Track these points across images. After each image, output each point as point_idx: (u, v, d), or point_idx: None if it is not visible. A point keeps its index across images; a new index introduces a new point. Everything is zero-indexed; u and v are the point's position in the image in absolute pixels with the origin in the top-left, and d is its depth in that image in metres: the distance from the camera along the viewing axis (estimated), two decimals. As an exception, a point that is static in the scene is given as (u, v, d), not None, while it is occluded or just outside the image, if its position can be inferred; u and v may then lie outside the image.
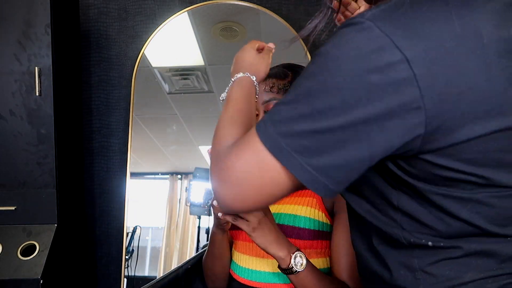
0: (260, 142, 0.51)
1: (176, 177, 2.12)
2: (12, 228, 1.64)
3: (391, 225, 0.55)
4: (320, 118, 0.47)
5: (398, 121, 0.46)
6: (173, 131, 2.13)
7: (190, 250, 2.06)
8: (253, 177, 0.52)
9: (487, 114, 0.47)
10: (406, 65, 0.44)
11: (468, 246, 0.52)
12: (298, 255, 0.86)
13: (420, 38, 0.44)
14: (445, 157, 0.48)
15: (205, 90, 2.15)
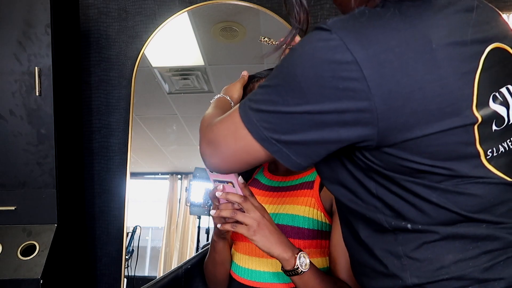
0: (239, 115, 0.62)
1: (176, 177, 2.12)
2: (12, 228, 1.64)
3: (374, 210, 0.61)
4: (283, 103, 0.56)
5: (349, 116, 0.53)
6: (173, 131, 2.13)
7: (190, 250, 2.06)
8: (230, 141, 0.63)
9: (441, 112, 0.52)
10: (357, 66, 0.50)
11: (444, 230, 0.57)
12: (302, 255, 0.85)
13: (371, 43, 0.51)
14: (406, 151, 0.54)
15: (205, 90, 2.15)
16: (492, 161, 0.57)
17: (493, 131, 0.56)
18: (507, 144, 0.58)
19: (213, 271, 1.06)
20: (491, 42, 0.57)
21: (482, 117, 0.54)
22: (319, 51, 0.52)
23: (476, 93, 0.54)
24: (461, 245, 0.58)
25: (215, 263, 1.04)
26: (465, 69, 0.54)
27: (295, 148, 0.58)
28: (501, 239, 0.58)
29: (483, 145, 0.55)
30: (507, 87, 0.58)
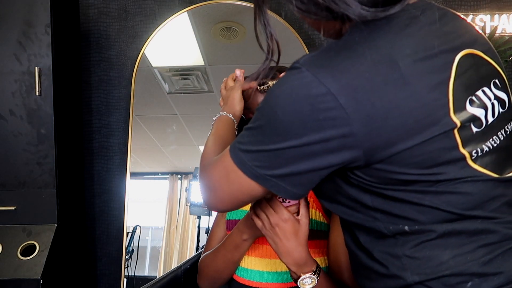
0: (230, 158, 0.64)
1: (176, 177, 2.13)
2: (12, 228, 1.64)
3: (372, 220, 0.63)
4: (270, 142, 0.59)
5: (334, 143, 0.56)
6: (173, 131, 2.14)
7: (190, 250, 2.06)
8: (224, 185, 0.67)
9: (420, 124, 0.55)
10: (332, 97, 0.54)
11: (440, 228, 0.59)
12: (308, 277, 0.83)
13: (342, 73, 0.54)
14: (393, 164, 0.57)
15: (205, 90, 2.16)
16: (477, 161, 0.59)
17: (474, 133, 0.59)
18: (490, 143, 0.61)
19: (223, 269, 1.01)
20: (461, 49, 0.60)
21: (460, 121, 0.57)
22: (295, 89, 0.56)
23: (452, 100, 0.57)
24: (458, 241, 0.59)
25: (230, 263, 1.00)
26: (437, 80, 0.56)
27: (289, 180, 0.61)
28: (496, 232, 0.60)
29: (467, 148, 0.58)
30: (483, 90, 0.61)
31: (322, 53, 0.58)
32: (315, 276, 0.84)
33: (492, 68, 0.64)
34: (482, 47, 0.64)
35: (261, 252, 1.00)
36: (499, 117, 0.62)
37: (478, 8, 2.05)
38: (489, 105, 0.61)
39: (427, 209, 0.59)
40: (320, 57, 0.57)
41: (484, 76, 0.62)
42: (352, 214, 0.66)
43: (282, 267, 0.98)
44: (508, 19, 2.02)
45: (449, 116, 0.56)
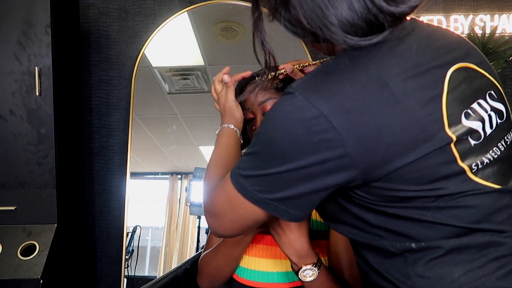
0: (232, 184, 0.66)
1: (176, 177, 2.13)
2: (12, 228, 1.64)
3: (378, 239, 0.64)
4: (268, 166, 0.61)
5: (330, 164, 0.57)
6: (173, 131, 2.13)
7: (190, 250, 2.06)
8: (228, 212, 0.69)
9: (414, 140, 0.56)
10: (325, 119, 0.55)
11: (447, 243, 0.59)
12: (308, 269, 0.85)
13: (333, 96, 0.56)
14: (391, 182, 0.58)
15: (205, 90, 2.16)
16: (478, 173, 0.59)
17: (473, 145, 0.59)
18: (491, 155, 0.60)
19: (223, 267, 1.01)
20: (452, 64, 0.60)
21: (456, 135, 0.57)
22: (290, 113, 0.58)
23: (446, 115, 0.57)
24: (467, 256, 0.58)
25: (232, 259, 0.99)
26: (429, 96, 0.57)
27: (290, 203, 0.62)
28: (505, 245, 0.58)
29: (466, 161, 0.58)
30: (478, 102, 0.61)
31: (314, 77, 0.60)
32: (316, 268, 0.85)
33: (486, 80, 0.64)
34: (475, 59, 0.64)
35: (261, 252, 1.00)
36: (497, 128, 0.62)
37: (478, 8, 2.05)
38: (486, 117, 0.61)
39: (430, 225, 0.59)
40: (311, 82, 0.59)
41: (478, 89, 0.62)
42: (358, 233, 0.66)
43: (283, 267, 0.98)
44: (508, 19, 2.02)
45: (444, 130, 0.57)
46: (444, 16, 2.04)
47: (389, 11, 0.56)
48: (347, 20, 0.56)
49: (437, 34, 0.65)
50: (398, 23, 0.59)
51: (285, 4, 0.60)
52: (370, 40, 0.58)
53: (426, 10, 2.08)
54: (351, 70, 0.58)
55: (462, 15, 2.04)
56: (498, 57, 1.74)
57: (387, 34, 0.58)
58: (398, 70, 0.57)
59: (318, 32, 0.58)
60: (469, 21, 2.03)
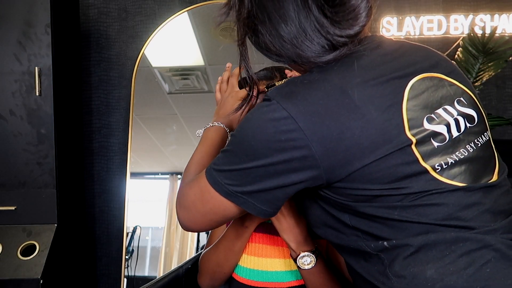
0: (205, 178, 0.71)
1: (176, 177, 2.13)
2: (12, 228, 1.64)
3: (355, 240, 0.68)
4: (240, 162, 0.66)
5: (295, 163, 0.63)
6: (173, 131, 2.13)
7: (190, 250, 2.06)
8: (198, 205, 0.73)
9: (374, 143, 0.60)
10: (292, 120, 0.61)
11: (415, 240, 0.62)
12: (306, 255, 0.87)
13: (300, 101, 0.63)
14: (355, 182, 0.63)
15: (205, 90, 2.16)
16: (443, 173, 0.63)
17: (436, 147, 0.63)
18: (457, 155, 0.64)
19: (224, 261, 1.00)
20: (415, 74, 0.66)
21: (416, 138, 0.62)
22: (263, 114, 0.64)
23: (406, 119, 0.62)
24: (438, 253, 0.61)
25: (232, 253, 0.99)
26: (388, 103, 0.62)
27: (257, 197, 0.67)
28: (472, 239, 0.61)
29: (428, 162, 0.62)
30: (444, 108, 0.66)
31: (287, 86, 0.67)
32: (314, 255, 0.87)
33: (456, 88, 0.69)
34: (443, 70, 0.70)
35: (260, 252, 1.00)
36: (466, 131, 0.66)
37: (478, 8, 2.05)
38: (452, 121, 0.65)
39: (398, 223, 0.63)
40: (284, 89, 0.66)
41: (445, 96, 0.67)
42: (338, 235, 0.71)
43: (282, 266, 0.98)
44: (508, 19, 2.02)
45: (404, 133, 0.61)
46: (444, 16, 2.04)
47: (338, 33, 0.64)
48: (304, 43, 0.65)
49: (403, 49, 0.70)
50: (351, 41, 0.66)
51: (254, 30, 0.70)
52: (326, 58, 0.65)
53: (426, 10, 2.08)
54: (318, 80, 0.65)
55: (462, 15, 2.04)
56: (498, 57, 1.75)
57: (343, 52, 0.65)
58: (359, 80, 0.63)
59: (283, 54, 0.67)
60: (469, 21, 2.03)
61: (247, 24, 0.71)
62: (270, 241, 0.99)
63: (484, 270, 0.59)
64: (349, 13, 0.64)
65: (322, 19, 0.64)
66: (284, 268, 0.97)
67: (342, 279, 0.92)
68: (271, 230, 0.98)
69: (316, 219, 0.74)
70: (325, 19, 0.64)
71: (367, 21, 0.66)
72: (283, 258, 0.98)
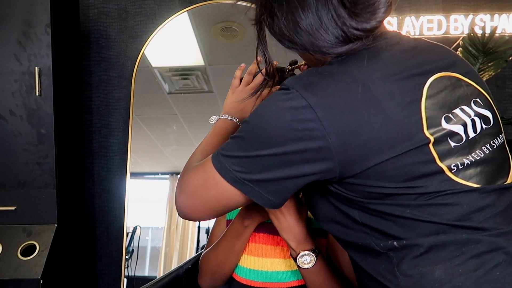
0: (212, 164, 0.68)
1: (176, 177, 2.12)
2: (12, 228, 1.64)
3: (364, 237, 0.66)
4: (252, 149, 0.64)
5: (310, 154, 0.61)
6: (173, 131, 2.13)
7: (190, 250, 2.06)
8: (201, 192, 0.70)
9: (392, 139, 0.59)
10: (311, 109, 0.60)
11: (426, 241, 0.61)
12: (306, 254, 0.87)
13: (320, 91, 0.61)
14: (369, 179, 0.61)
15: (205, 90, 2.16)
16: (459, 174, 0.62)
17: (453, 147, 0.62)
18: (473, 156, 0.63)
19: (224, 261, 1.00)
20: (434, 73, 0.65)
21: (434, 137, 0.60)
22: (280, 102, 0.63)
23: (424, 118, 0.61)
24: (448, 254, 0.60)
25: (232, 253, 0.99)
26: (408, 99, 0.61)
27: (265, 186, 0.65)
28: (484, 242, 0.60)
29: (445, 162, 0.61)
30: (461, 108, 0.65)
31: (305, 75, 0.65)
32: (314, 254, 0.87)
33: (472, 89, 0.68)
34: (461, 70, 0.69)
35: (260, 252, 1.00)
36: (482, 132, 0.65)
37: (478, 8, 2.05)
38: (469, 121, 0.64)
39: (409, 221, 0.62)
40: (303, 78, 0.64)
41: (462, 96, 0.66)
42: (345, 231, 0.69)
43: (283, 267, 0.98)
44: (508, 19, 2.02)
45: (422, 132, 0.60)
46: (444, 16, 2.04)
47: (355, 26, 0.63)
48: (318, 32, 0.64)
49: (421, 47, 0.69)
50: (367, 35, 0.65)
51: (270, 13, 0.67)
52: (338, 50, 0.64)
53: (426, 10, 2.08)
54: (338, 72, 0.63)
55: (462, 15, 2.04)
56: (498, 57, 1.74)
57: (357, 46, 0.64)
58: (380, 74, 0.62)
59: (297, 41, 0.65)
60: (469, 21, 2.03)
61: (264, 4, 0.68)
62: (270, 241, 0.99)
63: (493, 273, 0.58)
64: (368, 6, 0.63)
65: (340, 9, 0.62)
66: (285, 268, 0.97)
67: (342, 278, 0.92)
68: (271, 230, 0.98)
69: (323, 213, 0.73)
70: (343, 10, 0.62)
71: (384, 17, 0.64)
72: (283, 258, 0.98)
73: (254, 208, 0.94)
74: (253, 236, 1.00)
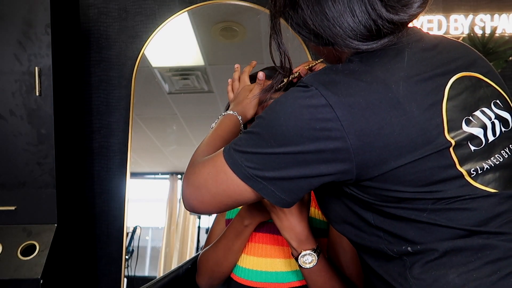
0: (223, 158, 0.66)
1: (176, 177, 2.13)
2: (12, 228, 1.64)
3: (377, 241, 0.65)
4: (267, 146, 0.62)
5: (327, 154, 0.59)
6: (173, 131, 2.13)
7: (190, 250, 2.06)
8: (210, 185, 0.68)
9: (413, 143, 0.57)
10: (330, 109, 0.58)
11: (441, 245, 0.60)
12: (308, 254, 0.86)
13: (340, 90, 0.59)
14: (387, 182, 0.59)
15: (205, 90, 2.16)
16: (478, 179, 0.60)
17: (473, 151, 0.60)
18: (492, 161, 0.62)
19: (223, 260, 1.00)
20: (455, 73, 0.63)
21: (455, 140, 0.59)
22: (299, 100, 0.60)
23: (446, 120, 0.59)
24: (463, 259, 0.59)
25: (231, 252, 0.99)
26: (430, 101, 0.59)
27: (279, 184, 0.63)
28: (500, 247, 0.59)
29: (464, 166, 0.59)
30: (482, 110, 0.63)
31: (325, 73, 0.63)
32: (316, 254, 0.87)
33: (492, 90, 0.66)
34: (481, 69, 0.66)
35: (260, 251, 1.00)
36: (501, 136, 0.63)
37: (478, 8, 2.05)
38: (489, 124, 0.62)
39: (426, 226, 0.60)
40: (322, 76, 0.62)
41: (482, 97, 0.64)
42: (358, 234, 0.68)
43: (282, 267, 0.98)
44: (508, 19, 2.02)
45: (443, 135, 0.58)
46: (444, 16, 2.04)
47: (389, 18, 0.60)
48: (348, 23, 0.60)
49: (443, 45, 0.67)
50: (397, 31, 0.62)
51: (293, 4, 0.64)
52: (369, 45, 0.61)
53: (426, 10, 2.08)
54: (359, 72, 0.61)
55: (462, 15, 2.04)
56: (498, 57, 1.75)
57: (386, 42, 0.61)
58: (402, 74, 0.60)
59: (322, 34, 0.62)
60: (469, 21, 2.03)
61: None
62: (271, 241, 0.99)
63: (508, 279, 0.57)
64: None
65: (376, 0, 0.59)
66: (285, 269, 0.97)
67: (344, 278, 0.92)
68: (272, 229, 0.98)
69: (336, 214, 0.71)
70: (379, 1, 0.59)
71: (419, 12, 0.62)
72: (284, 258, 0.98)
73: (254, 208, 0.94)
74: (253, 235, 1.00)
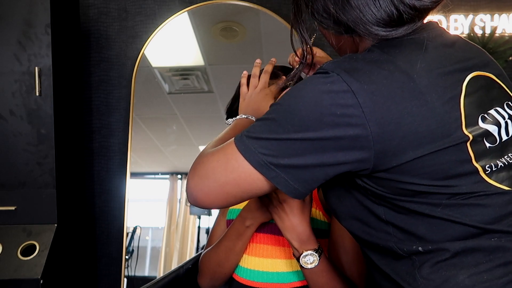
0: (235, 146, 0.63)
1: (176, 177, 2.13)
2: (12, 228, 1.64)
3: (386, 238, 0.64)
4: (283, 131, 0.59)
5: (346, 142, 0.58)
6: (173, 131, 2.13)
7: (190, 250, 2.06)
8: (220, 173, 0.64)
9: (432, 134, 0.57)
10: (352, 94, 0.57)
11: (453, 246, 0.59)
12: (310, 254, 0.86)
13: (362, 77, 0.58)
14: (404, 174, 0.59)
15: (205, 90, 2.16)
16: (492, 175, 0.60)
17: (488, 148, 0.60)
18: (505, 159, 0.62)
19: (224, 261, 1.00)
20: (471, 71, 0.63)
21: (473, 135, 0.59)
22: (319, 85, 0.59)
23: (463, 115, 0.59)
24: (474, 260, 0.59)
25: (232, 253, 0.99)
26: (449, 95, 0.59)
27: (293, 173, 0.61)
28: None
29: (480, 162, 0.59)
30: (496, 109, 0.63)
31: (346, 60, 0.62)
32: (317, 254, 0.86)
33: (504, 91, 0.67)
34: (494, 71, 0.67)
35: (262, 252, 1.00)
36: None
37: (478, 8, 2.05)
38: (503, 123, 0.63)
39: (439, 221, 0.60)
40: (344, 62, 0.61)
41: (495, 98, 0.64)
42: (366, 230, 0.67)
43: (283, 267, 0.98)
44: (508, 19, 2.02)
45: (461, 129, 0.58)
46: (444, 16, 2.04)
47: (411, 3, 0.59)
48: (370, 8, 0.60)
49: (459, 43, 0.68)
50: (417, 19, 0.62)
51: None
52: (390, 32, 0.61)
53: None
54: (381, 61, 0.60)
55: (462, 15, 2.04)
56: (498, 57, 1.75)
57: (405, 29, 0.61)
58: (424, 66, 0.60)
59: (343, 19, 0.61)
60: (469, 21, 2.03)
61: None
62: (272, 241, 0.99)
63: None
64: None
65: None
66: (287, 269, 0.97)
67: (345, 278, 0.92)
68: (274, 230, 0.98)
69: (344, 210, 0.70)
70: None
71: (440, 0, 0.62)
72: (285, 258, 0.98)
73: (256, 208, 0.94)
74: (254, 236, 1.00)
